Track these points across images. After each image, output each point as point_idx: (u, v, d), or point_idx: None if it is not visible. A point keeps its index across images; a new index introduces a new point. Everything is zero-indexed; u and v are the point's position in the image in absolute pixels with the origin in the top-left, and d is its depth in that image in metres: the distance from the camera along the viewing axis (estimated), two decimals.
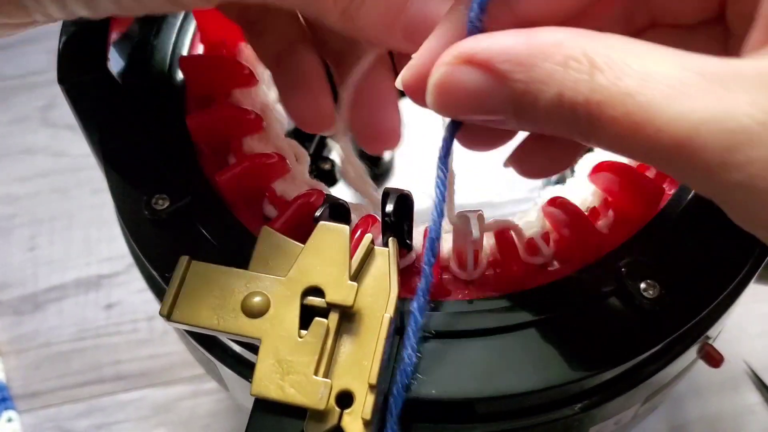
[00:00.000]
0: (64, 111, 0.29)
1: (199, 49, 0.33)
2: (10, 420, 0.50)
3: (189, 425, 0.50)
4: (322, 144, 0.44)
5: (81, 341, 0.54)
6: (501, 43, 0.20)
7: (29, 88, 0.66)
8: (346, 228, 0.25)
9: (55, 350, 0.53)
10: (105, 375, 0.52)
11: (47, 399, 0.51)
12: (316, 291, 0.24)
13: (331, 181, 0.46)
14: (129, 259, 0.56)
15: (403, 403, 0.23)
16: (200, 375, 0.52)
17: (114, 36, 0.30)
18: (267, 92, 0.32)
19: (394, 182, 0.59)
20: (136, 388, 0.52)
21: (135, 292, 0.55)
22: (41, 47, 0.67)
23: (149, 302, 0.54)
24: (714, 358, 0.32)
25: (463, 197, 0.30)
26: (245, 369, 0.28)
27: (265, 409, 0.24)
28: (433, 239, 0.23)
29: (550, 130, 0.20)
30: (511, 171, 0.63)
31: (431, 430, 0.26)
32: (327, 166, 0.44)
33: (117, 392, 0.51)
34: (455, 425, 0.26)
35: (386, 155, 0.59)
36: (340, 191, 0.56)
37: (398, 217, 0.25)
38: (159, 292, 0.30)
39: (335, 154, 0.47)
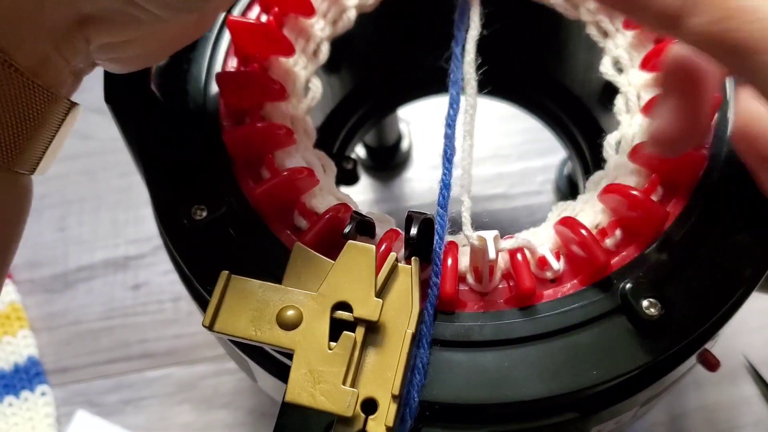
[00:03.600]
0: (92, 94, 0.30)
1: (233, 62, 0.34)
2: (44, 394, 0.52)
3: (212, 402, 0.53)
4: (346, 143, 0.46)
5: (109, 320, 0.56)
6: None
7: None
8: (372, 248, 0.27)
9: (85, 328, 0.56)
10: (132, 353, 0.55)
11: (77, 374, 0.54)
12: (345, 306, 0.26)
13: (354, 179, 0.48)
14: (155, 241, 0.59)
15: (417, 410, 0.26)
16: (223, 355, 0.54)
17: None
18: (297, 105, 0.34)
19: (411, 172, 0.61)
20: (162, 366, 0.54)
21: (161, 274, 0.58)
22: None
23: (175, 283, 0.57)
24: (711, 363, 0.34)
25: (478, 188, 0.32)
26: (276, 369, 0.30)
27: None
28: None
29: None
30: (524, 164, 0.65)
31: (445, 427, 0.28)
32: (349, 166, 0.46)
33: (144, 369, 0.54)
34: (465, 426, 0.28)
35: (404, 145, 0.61)
36: (362, 188, 0.58)
37: (421, 240, 0.27)
38: (196, 295, 0.32)
39: (357, 152, 0.49)
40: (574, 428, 0.31)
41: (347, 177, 0.47)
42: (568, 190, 0.57)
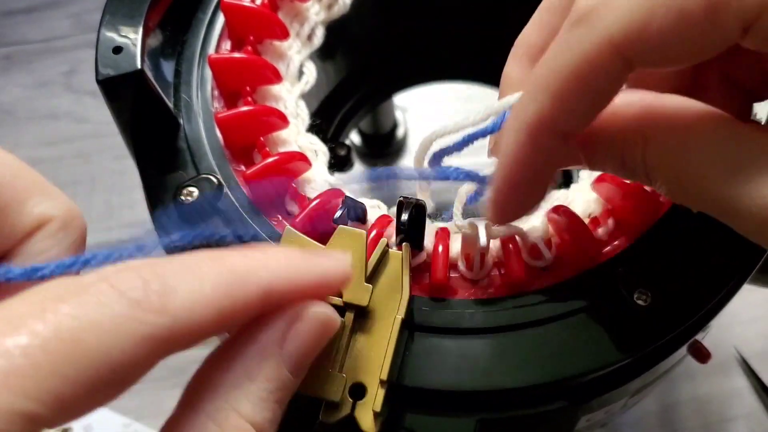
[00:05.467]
0: (87, 77, 0.31)
1: (226, 45, 0.34)
2: None
3: None
4: (340, 129, 0.46)
5: None
6: None
7: (53, 52, 0.67)
8: (363, 233, 0.26)
9: None
10: None
11: None
12: None
13: (348, 165, 0.48)
14: (149, 225, 0.58)
15: None
16: (215, 340, 0.54)
17: (148, 32, 0.32)
18: (290, 89, 0.34)
19: (406, 160, 0.61)
20: None
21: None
22: (65, 12, 0.68)
23: None
24: (702, 355, 0.34)
25: None
26: None
27: None
28: None
29: None
30: None
31: (433, 418, 0.28)
32: (343, 152, 0.46)
33: None
34: (455, 413, 0.28)
35: (399, 132, 0.60)
36: (356, 173, 0.57)
37: (413, 226, 0.27)
38: None
39: (351, 137, 0.49)
40: (564, 417, 0.31)
41: (341, 163, 0.47)
42: (562, 179, 0.56)
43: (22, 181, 0.22)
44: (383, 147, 0.58)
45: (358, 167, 0.59)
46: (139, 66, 0.30)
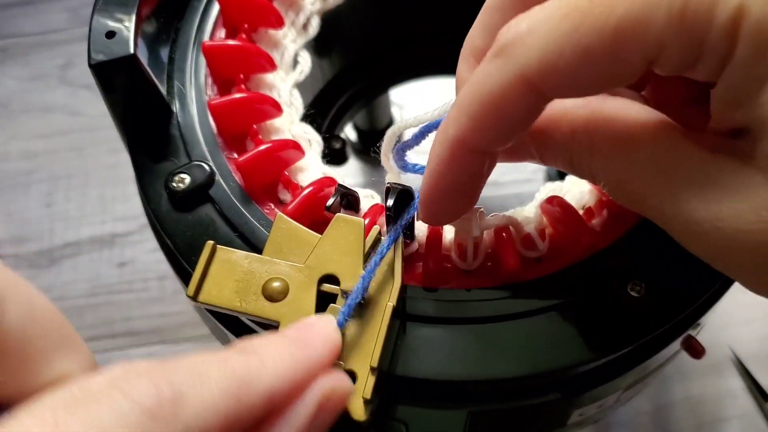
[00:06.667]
0: (82, 70, 0.30)
1: (221, 33, 0.34)
2: None
3: None
4: (335, 121, 0.46)
5: (94, 297, 0.56)
6: None
7: (49, 46, 0.67)
8: (361, 221, 0.26)
9: (69, 304, 0.56)
10: (117, 330, 0.55)
11: None
12: (331, 278, 0.26)
13: (342, 159, 0.48)
14: (142, 219, 0.58)
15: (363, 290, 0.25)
16: (207, 335, 0.54)
17: (141, 19, 0.32)
18: (285, 77, 0.33)
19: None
20: (146, 344, 0.54)
21: (147, 252, 0.57)
22: (61, 5, 0.68)
23: (161, 262, 0.56)
24: (696, 350, 0.34)
25: None
26: None
27: None
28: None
29: None
30: None
31: (425, 410, 0.27)
32: (338, 145, 0.46)
33: (128, 347, 0.54)
34: (446, 404, 0.28)
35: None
36: (350, 168, 0.57)
37: (399, 212, 0.27)
38: (175, 264, 0.31)
39: (346, 129, 0.49)
40: (556, 410, 0.31)
41: (336, 156, 0.47)
42: (558, 178, 0.56)
43: (52, 335, 0.22)
44: (379, 143, 0.58)
45: (355, 164, 0.59)
46: (132, 51, 0.30)
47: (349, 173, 0.57)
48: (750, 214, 0.20)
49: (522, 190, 0.59)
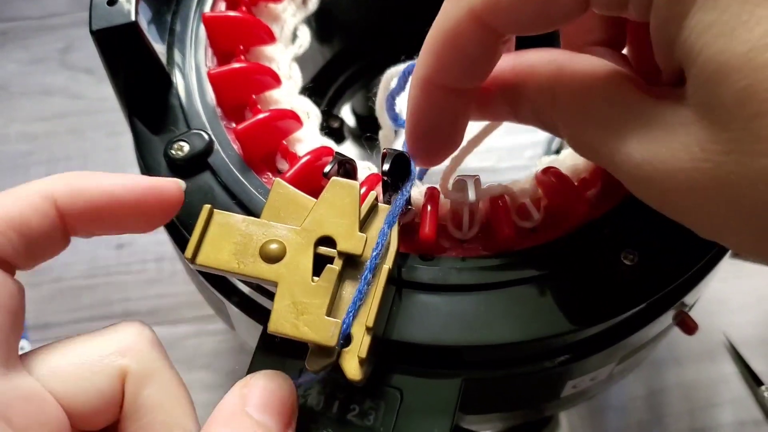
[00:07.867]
0: (82, 54, 0.31)
1: (221, 5, 0.34)
2: (23, 349, 0.52)
3: (192, 362, 0.53)
4: (333, 102, 0.46)
5: (92, 278, 0.56)
6: None
7: (49, 29, 0.67)
8: (356, 183, 0.26)
9: (67, 285, 0.56)
10: (114, 311, 0.55)
11: (58, 331, 0.54)
12: (328, 240, 0.26)
13: (340, 138, 0.48)
14: None
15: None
16: (204, 316, 0.54)
17: None
18: (284, 50, 0.34)
19: (398, 143, 0.60)
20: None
21: (145, 234, 0.57)
22: None
23: (159, 244, 0.57)
24: (689, 326, 0.34)
25: (466, 161, 0.32)
26: (252, 310, 0.30)
27: (267, 349, 0.27)
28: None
29: None
30: (513, 139, 0.65)
31: (421, 373, 0.28)
32: (336, 125, 0.46)
33: None
34: (442, 371, 0.28)
35: None
36: (348, 149, 0.57)
37: (395, 177, 0.27)
38: (173, 232, 0.31)
39: (345, 112, 0.49)
40: (549, 380, 0.31)
41: (333, 135, 0.47)
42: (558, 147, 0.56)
43: (176, 411, 0.25)
44: (377, 128, 0.58)
45: (352, 149, 0.59)
46: (133, 19, 0.30)
47: (347, 152, 0.57)
48: (683, 152, 0.20)
49: (520, 177, 0.59)
